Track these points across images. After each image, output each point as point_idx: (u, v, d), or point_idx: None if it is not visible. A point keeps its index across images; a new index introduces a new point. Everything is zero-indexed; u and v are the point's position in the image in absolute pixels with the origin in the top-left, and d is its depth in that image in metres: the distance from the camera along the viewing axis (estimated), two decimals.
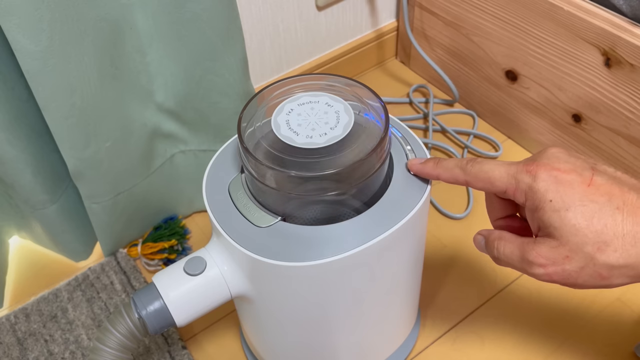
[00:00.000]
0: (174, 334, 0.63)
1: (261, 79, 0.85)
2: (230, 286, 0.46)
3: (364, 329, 0.50)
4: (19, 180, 0.58)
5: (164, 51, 0.57)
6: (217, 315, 0.65)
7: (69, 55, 0.49)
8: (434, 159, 0.44)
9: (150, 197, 0.69)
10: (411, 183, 0.45)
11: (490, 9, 0.75)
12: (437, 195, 0.76)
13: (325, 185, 0.41)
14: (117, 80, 0.56)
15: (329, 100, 0.45)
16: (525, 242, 0.39)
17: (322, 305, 0.46)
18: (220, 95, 0.62)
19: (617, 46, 0.62)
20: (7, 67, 0.52)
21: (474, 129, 0.85)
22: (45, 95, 0.51)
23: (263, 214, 0.43)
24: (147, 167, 0.66)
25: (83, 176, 0.59)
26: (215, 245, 0.46)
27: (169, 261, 0.70)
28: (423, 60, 0.88)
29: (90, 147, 0.57)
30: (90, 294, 0.67)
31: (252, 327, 0.54)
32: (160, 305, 0.46)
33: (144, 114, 0.61)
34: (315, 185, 0.42)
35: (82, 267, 0.71)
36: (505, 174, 0.40)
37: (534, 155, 0.40)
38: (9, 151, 0.55)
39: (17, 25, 0.45)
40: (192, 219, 0.76)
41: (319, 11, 0.84)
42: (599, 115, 0.69)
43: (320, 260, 0.40)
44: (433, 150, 0.82)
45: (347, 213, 0.43)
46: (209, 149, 0.68)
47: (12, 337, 0.64)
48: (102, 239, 0.68)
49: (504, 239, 0.40)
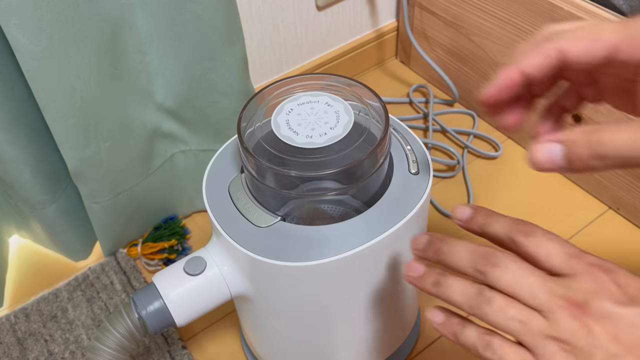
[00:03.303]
0: (174, 334, 0.63)
1: (261, 79, 0.85)
2: (230, 286, 0.46)
3: (364, 329, 0.50)
4: (19, 180, 0.58)
5: (164, 51, 0.57)
6: (217, 315, 0.65)
7: (69, 55, 0.49)
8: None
9: (150, 197, 0.69)
10: (411, 183, 0.45)
11: (490, 9, 0.75)
12: (437, 195, 0.76)
13: (325, 185, 0.41)
14: (117, 80, 0.56)
15: (329, 100, 0.45)
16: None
17: (322, 305, 0.46)
18: (220, 95, 0.62)
19: None
20: (7, 67, 0.52)
21: (474, 129, 0.85)
22: (45, 95, 0.51)
23: (263, 214, 0.43)
24: (147, 167, 0.66)
25: (83, 176, 0.59)
26: (215, 245, 0.46)
27: (169, 261, 0.70)
28: (423, 60, 0.88)
29: (90, 147, 0.57)
30: (90, 294, 0.67)
31: (252, 327, 0.54)
32: (160, 305, 0.46)
33: (144, 114, 0.61)
34: (315, 185, 0.42)
35: (82, 267, 0.71)
36: (614, 27, 0.30)
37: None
38: (8, 151, 0.55)
39: (17, 25, 0.45)
40: (192, 219, 0.76)
41: (319, 11, 0.84)
42: (599, 115, 0.69)
43: (320, 260, 0.40)
44: (433, 150, 0.82)
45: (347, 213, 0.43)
46: (209, 148, 0.68)
47: (12, 337, 0.64)
48: (102, 239, 0.68)
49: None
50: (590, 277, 0.30)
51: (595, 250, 0.77)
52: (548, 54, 0.31)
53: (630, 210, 0.71)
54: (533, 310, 0.30)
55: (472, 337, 0.32)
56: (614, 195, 0.72)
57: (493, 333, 0.32)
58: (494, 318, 0.31)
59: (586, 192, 0.76)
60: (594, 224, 0.72)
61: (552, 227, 0.77)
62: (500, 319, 0.31)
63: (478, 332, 0.32)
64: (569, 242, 0.32)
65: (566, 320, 0.29)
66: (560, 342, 0.29)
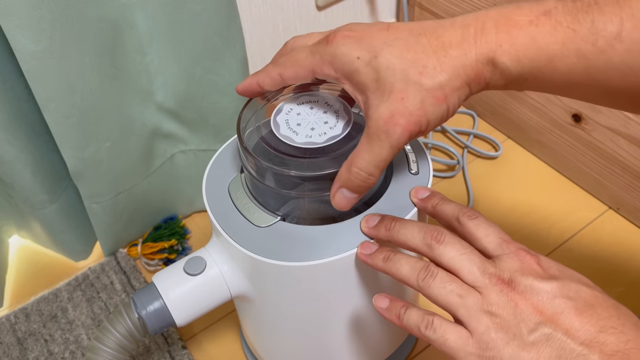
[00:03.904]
0: (174, 334, 0.63)
1: None
2: (230, 286, 0.46)
3: (364, 328, 0.50)
4: (19, 180, 0.58)
5: (164, 51, 0.57)
6: (217, 315, 0.65)
7: (69, 55, 0.49)
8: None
9: (150, 197, 0.69)
10: (411, 183, 0.45)
11: None
12: None
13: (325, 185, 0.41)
14: (117, 80, 0.56)
15: (329, 99, 0.45)
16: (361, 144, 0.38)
17: (322, 305, 0.46)
18: (220, 95, 0.62)
19: None
20: (7, 67, 0.52)
21: (474, 129, 0.85)
22: (45, 95, 0.51)
23: (263, 214, 0.43)
24: (147, 167, 0.66)
25: (83, 176, 0.59)
26: (215, 245, 0.46)
27: (169, 261, 0.70)
28: None
29: (90, 147, 0.57)
30: (90, 294, 0.67)
31: (252, 327, 0.54)
32: (160, 305, 0.46)
33: (144, 114, 0.61)
34: (315, 185, 0.42)
35: (82, 267, 0.71)
36: (308, 53, 0.38)
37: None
38: (8, 151, 0.55)
39: (17, 25, 0.45)
40: (192, 219, 0.76)
41: (319, 11, 0.84)
42: (599, 115, 0.69)
43: (320, 260, 0.40)
44: (433, 150, 0.82)
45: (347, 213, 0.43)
46: (209, 148, 0.68)
47: (12, 337, 0.64)
48: (102, 239, 0.68)
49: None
50: (517, 258, 0.35)
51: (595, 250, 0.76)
52: (273, 76, 0.41)
53: (630, 210, 0.71)
54: (470, 287, 0.34)
55: (415, 318, 0.35)
56: (614, 195, 0.72)
57: (434, 314, 0.35)
58: (436, 290, 0.35)
59: (586, 192, 0.76)
60: (594, 224, 0.72)
61: (552, 227, 0.77)
62: (441, 291, 0.34)
63: (420, 313, 0.35)
64: (505, 232, 0.37)
65: (496, 295, 0.33)
66: (493, 316, 0.33)
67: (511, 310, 0.33)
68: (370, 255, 0.39)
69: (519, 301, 0.33)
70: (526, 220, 0.73)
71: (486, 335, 0.33)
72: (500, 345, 0.32)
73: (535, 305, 0.33)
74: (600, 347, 0.31)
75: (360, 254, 0.40)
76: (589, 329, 0.31)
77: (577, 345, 0.31)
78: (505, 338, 0.32)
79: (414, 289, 0.36)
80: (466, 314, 0.33)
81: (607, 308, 0.33)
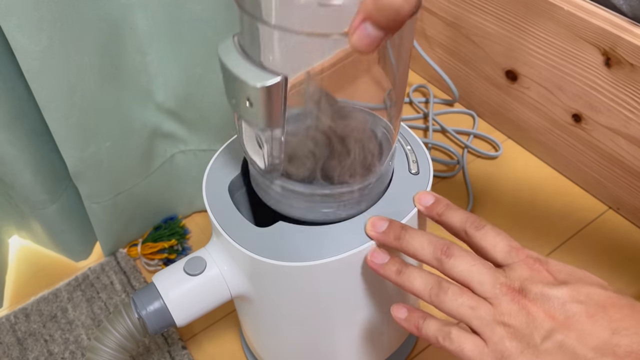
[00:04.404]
0: (174, 334, 0.63)
1: None
2: (230, 286, 0.46)
3: (364, 329, 0.50)
4: (19, 180, 0.58)
5: (164, 51, 0.57)
6: (217, 315, 0.65)
7: (69, 55, 0.49)
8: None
9: (150, 197, 0.69)
10: (411, 183, 0.45)
11: (490, 9, 0.75)
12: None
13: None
14: (117, 80, 0.56)
15: None
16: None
17: (322, 305, 0.46)
18: (220, 95, 0.62)
19: (617, 46, 0.62)
20: (7, 67, 0.52)
21: (474, 129, 0.85)
22: (45, 95, 0.50)
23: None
24: (147, 167, 0.66)
25: (83, 176, 0.59)
26: (215, 245, 0.46)
27: (169, 261, 0.70)
28: (423, 60, 0.88)
29: (90, 147, 0.57)
30: (90, 294, 0.67)
31: (252, 327, 0.54)
32: (160, 305, 0.46)
33: (144, 114, 0.61)
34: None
35: (82, 267, 0.71)
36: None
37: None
38: (9, 151, 0.55)
39: (17, 25, 0.45)
40: (192, 219, 0.76)
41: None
42: (599, 115, 0.69)
43: (320, 260, 0.40)
44: (433, 150, 0.82)
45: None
46: (209, 148, 0.68)
47: (12, 337, 0.64)
48: (102, 239, 0.68)
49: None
50: (526, 266, 0.35)
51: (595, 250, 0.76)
52: None
53: (630, 210, 0.71)
54: (481, 298, 0.34)
55: (433, 329, 0.35)
56: (614, 195, 0.72)
57: (451, 324, 0.35)
58: (448, 304, 0.35)
59: (586, 192, 0.76)
60: (594, 224, 0.72)
61: (552, 227, 0.77)
62: (454, 305, 0.35)
63: (438, 324, 0.35)
64: (512, 239, 0.37)
65: (507, 304, 0.33)
66: (506, 326, 0.33)
67: (523, 318, 0.33)
68: (382, 266, 0.39)
69: (531, 309, 0.33)
70: (526, 220, 0.73)
71: (500, 344, 0.33)
72: (514, 354, 0.32)
73: (547, 312, 0.33)
74: (614, 349, 0.31)
75: (371, 263, 0.40)
76: (602, 332, 0.31)
77: (588, 350, 0.31)
78: (520, 346, 0.32)
79: (426, 303, 0.37)
80: (479, 325, 0.34)
81: (620, 308, 0.32)
